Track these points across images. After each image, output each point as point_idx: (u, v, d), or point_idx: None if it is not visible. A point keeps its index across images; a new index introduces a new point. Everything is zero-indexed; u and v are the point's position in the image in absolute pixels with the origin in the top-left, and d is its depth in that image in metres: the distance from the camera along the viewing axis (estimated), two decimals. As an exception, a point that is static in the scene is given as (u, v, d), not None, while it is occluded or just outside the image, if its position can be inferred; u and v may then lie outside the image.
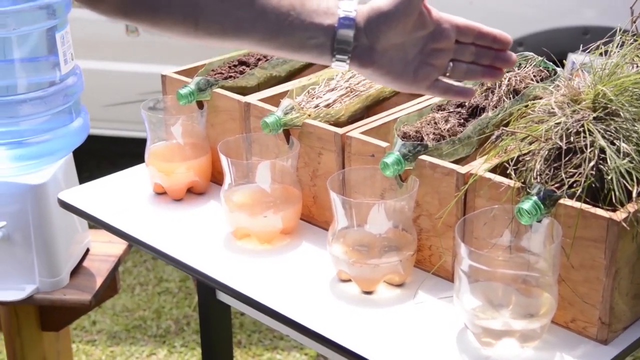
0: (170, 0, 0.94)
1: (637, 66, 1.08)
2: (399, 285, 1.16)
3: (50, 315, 1.78)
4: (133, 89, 2.99)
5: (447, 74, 1.02)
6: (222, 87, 1.40)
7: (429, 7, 1.00)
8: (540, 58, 1.32)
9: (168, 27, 0.97)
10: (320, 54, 0.98)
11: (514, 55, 1.04)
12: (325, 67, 1.48)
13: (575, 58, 1.68)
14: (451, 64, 1.02)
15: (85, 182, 1.50)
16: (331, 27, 0.96)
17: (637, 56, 1.09)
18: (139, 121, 1.43)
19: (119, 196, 1.44)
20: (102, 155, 3.46)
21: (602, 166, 0.99)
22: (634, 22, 1.11)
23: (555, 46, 2.53)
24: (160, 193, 1.43)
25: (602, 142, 0.99)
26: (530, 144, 1.06)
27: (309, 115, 1.28)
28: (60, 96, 1.67)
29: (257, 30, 0.96)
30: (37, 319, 1.77)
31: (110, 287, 1.81)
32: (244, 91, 1.41)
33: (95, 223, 1.40)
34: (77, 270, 1.75)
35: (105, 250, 1.82)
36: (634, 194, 0.96)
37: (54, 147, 1.69)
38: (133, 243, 1.35)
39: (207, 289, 1.51)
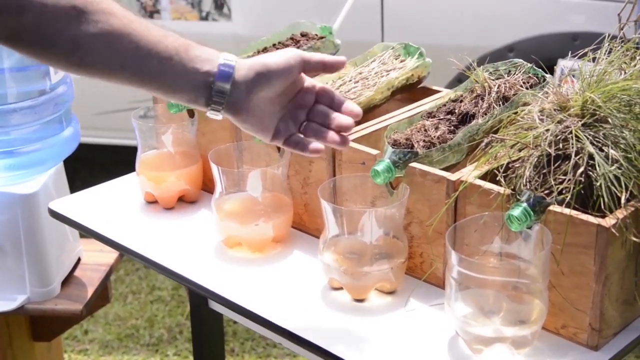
0: (57, 39, 0.97)
1: (625, 73, 1.08)
2: (390, 293, 1.16)
3: (42, 325, 1.77)
4: (124, 96, 2.99)
5: (301, 130, 1.07)
6: (213, 96, 1.40)
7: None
8: (529, 65, 1.32)
9: (53, 62, 1.01)
10: (197, 97, 1.02)
11: (349, 122, 1.06)
12: (317, 75, 1.48)
13: (564, 64, 1.68)
14: (305, 122, 1.07)
15: (78, 191, 1.49)
16: (210, 74, 1.01)
17: (625, 63, 1.10)
18: (130, 129, 1.43)
19: (110, 205, 1.44)
20: (94, 164, 3.46)
21: (591, 172, 0.99)
22: (622, 28, 1.12)
23: (545, 52, 2.54)
24: (151, 202, 1.43)
25: (591, 149, 0.99)
26: (520, 150, 1.07)
27: (300, 123, 1.28)
28: (50, 105, 1.67)
29: (139, 72, 1.00)
30: (28, 329, 1.76)
31: (102, 296, 1.80)
32: (235, 99, 1.40)
33: (85, 232, 1.40)
34: (69, 279, 1.75)
35: (96, 260, 1.82)
36: (623, 200, 0.97)
37: (44, 157, 1.69)
38: (124, 252, 1.34)
39: (199, 298, 1.50)
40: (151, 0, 2.87)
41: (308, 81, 1.08)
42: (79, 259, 1.81)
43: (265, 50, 1.56)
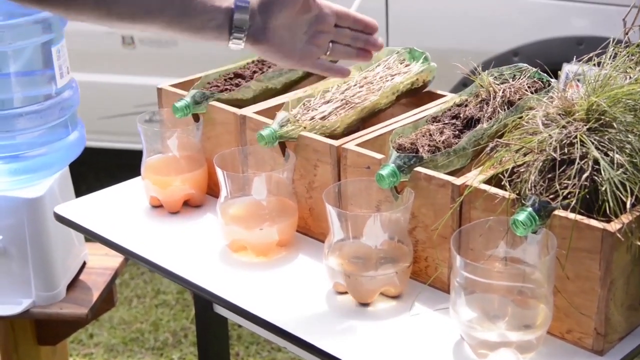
0: None
1: (630, 77, 1.08)
2: (395, 297, 1.16)
3: (47, 330, 1.77)
4: (130, 101, 3.00)
5: (328, 54, 1.16)
6: (218, 100, 1.41)
7: None
8: (534, 69, 1.32)
9: (81, 14, 1.03)
10: (219, 34, 1.07)
11: (380, 40, 1.19)
12: (321, 79, 1.49)
13: (569, 68, 1.68)
14: (331, 44, 1.16)
15: (84, 195, 1.50)
16: (229, 9, 1.06)
17: (630, 67, 1.09)
18: (136, 133, 1.43)
19: (115, 209, 1.44)
20: (100, 168, 3.47)
21: (596, 177, 0.99)
22: (627, 33, 1.12)
23: (550, 56, 2.54)
24: (157, 206, 1.43)
25: (596, 154, 0.99)
26: (525, 155, 1.07)
27: (305, 128, 1.28)
28: (56, 110, 1.68)
29: (164, 16, 1.04)
30: (33, 333, 1.76)
31: (107, 300, 1.80)
32: (240, 104, 1.41)
33: (91, 237, 1.40)
34: (74, 283, 1.75)
35: (102, 263, 1.82)
36: (628, 205, 0.97)
37: (50, 161, 1.70)
38: (129, 256, 1.35)
39: (204, 302, 1.50)
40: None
41: (326, 5, 1.14)
42: (84, 263, 1.81)
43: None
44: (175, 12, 1.04)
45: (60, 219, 1.43)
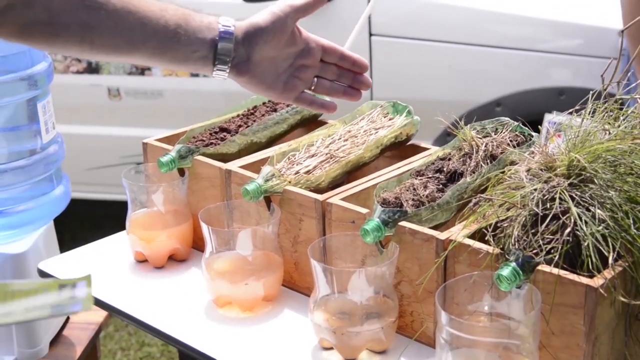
0: (68, 25, 0.99)
1: (609, 133, 1.10)
2: (381, 353, 1.15)
3: (29, 386, 1.74)
4: (116, 152, 3.00)
5: (312, 89, 1.17)
6: (203, 154, 1.41)
7: (299, 28, 1.13)
8: (516, 123, 1.34)
9: (65, 49, 1.03)
10: (203, 65, 1.09)
11: (369, 79, 1.20)
12: (306, 133, 1.50)
13: (550, 119, 1.71)
14: (316, 79, 1.17)
15: (68, 245, 1.49)
16: (213, 41, 1.07)
17: (609, 123, 1.11)
18: (121, 184, 1.44)
19: (100, 265, 1.43)
20: (85, 218, 3.45)
21: (578, 232, 1.00)
22: (605, 89, 1.14)
23: (532, 106, 2.58)
24: (142, 261, 1.43)
25: (575, 211, 1.00)
26: (508, 210, 1.07)
27: (290, 182, 1.29)
28: (41, 165, 1.67)
29: (147, 48, 1.04)
30: (15, 390, 1.73)
31: (91, 355, 1.78)
32: (225, 158, 1.42)
33: (75, 293, 1.39)
34: (57, 339, 1.73)
35: (85, 318, 1.80)
36: (610, 260, 0.97)
37: (35, 216, 1.68)
38: (113, 313, 1.33)
39: (189, 357, 1.49)
40: (143, 57, 2.90)
41: (313, 40, 1.15)
42: (67, 318, 1.79)
43: (254, 108, 1.58)
44: (158, 43, 1.04)
45: (44, 275, 1.42)
